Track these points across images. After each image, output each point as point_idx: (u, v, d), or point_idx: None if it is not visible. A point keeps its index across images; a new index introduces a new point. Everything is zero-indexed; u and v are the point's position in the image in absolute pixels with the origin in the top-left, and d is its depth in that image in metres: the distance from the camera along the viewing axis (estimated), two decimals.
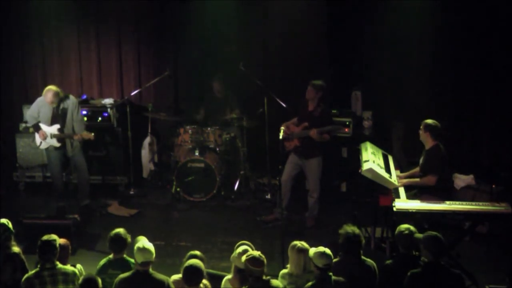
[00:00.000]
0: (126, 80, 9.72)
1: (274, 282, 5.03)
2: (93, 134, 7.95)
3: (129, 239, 5.47)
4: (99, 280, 4.89)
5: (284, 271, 5.39)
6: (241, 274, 5.09)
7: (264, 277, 4.91)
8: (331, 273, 4.97)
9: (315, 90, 7.63)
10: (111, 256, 5.52)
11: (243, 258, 4.96)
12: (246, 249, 5.25)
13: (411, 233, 5.26)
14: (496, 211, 6.25)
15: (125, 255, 5.48)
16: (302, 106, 7.85)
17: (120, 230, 5.51)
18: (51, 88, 7.81)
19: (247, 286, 4.93)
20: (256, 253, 4.95)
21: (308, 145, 7.69)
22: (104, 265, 5.46)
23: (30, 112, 8.00)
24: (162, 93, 9.79)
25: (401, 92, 9.04)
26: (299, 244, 5.32)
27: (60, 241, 5.49)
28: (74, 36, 9.58)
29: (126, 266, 5.34)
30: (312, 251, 5.05)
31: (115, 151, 9.09)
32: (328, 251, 4.98)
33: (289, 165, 7.92)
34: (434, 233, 5.14)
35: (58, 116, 7.89)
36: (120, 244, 5.42)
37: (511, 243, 6.94)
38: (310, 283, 4.98)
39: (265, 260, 4.92)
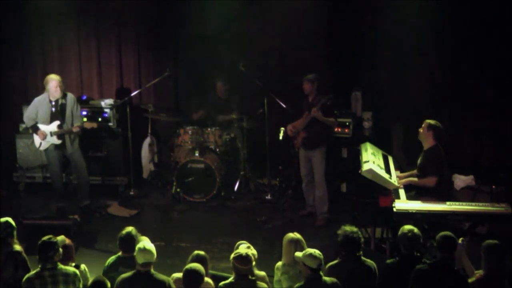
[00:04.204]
0: (126, 80, 9.72)
1: (261, 284, 5.05)
2: (95, 123, 8.00)
3: (139, 238, 5.45)
4: (108, 283, 4.88)
5: (279, 263, 5.52)
6: None
7: (251, 277, 4.94)
8: (322, 273, 4.99)
9: (310, 82, 7.83)
10: (120, 253, 5.50)
11: (231, 256, 5.01)
12: (248, 246, 5.32)
13: (414, 235, 5.26)
14: (496, 212, 6.26)
15: (135, 254, 5.44)
16: (304, 102, 7.97)
17: (132, 230, 5.49)
18: (53, 77, 7.79)
19: (232, 281, 4.94)
20: (244, 251, 4.99)
21: (313, 134, 7.80)
22: (114, 262, 5.45)
23: (28, 113, 7.96)
24: (162, 94, 9.79)
25: (401, 92, 9.04)
26: (291, 235, 5.45)
27: (63, 240, 5.50)
28: (74, 36, 9.58)
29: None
30: (301, 254, 5.07)
31: (115, 152, 9.08)
32: (317, 251, 5.00)
33: (301, 161, 8.09)
34: (449, 233, 5.15)
35: (57, 113, 7.87)
36: (131, 244, 5.35)
37: (511, 243, 6.94)
38: (298, 284, 5.00)
39: (252, 258, 4.96)
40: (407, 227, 5.35)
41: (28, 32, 9.52)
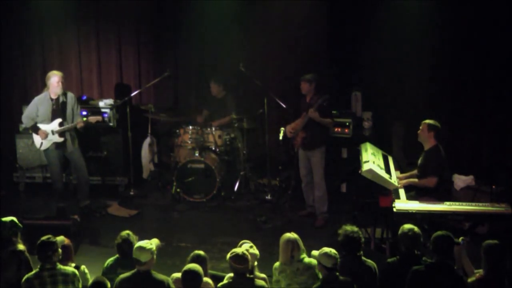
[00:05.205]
0: (126, 80, 9.73)
1: (259, 281, 5.05)
2: (100, 116, 8.05)
3: (135, 242, 5.42)
4: (108, 284, 4.88)
5: (276, 263, 5.53)
6: None
7: (248, 276, 4.94)
8: (337, 273, 5.00)
9: (308, 83, 7.82)
10: (118, 255, 5.50)
11: (228, 256, 5.02)
12: (251, 245, 5.36)
13: (414, 233, 5.26)
14: (496, 212, 6.25)
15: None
16: (302, 103, 7.95)
17: (128, 237, 5.43)
18: (56, 73, 7.78)
19: (230, 281, 4.94)
20: (240, 250, 5.01)
21: (312, 134, 7.79)
22: (112, 264, 5.44)
23: (27, 113, 7.92)
24: (162, 94, 9.80)
25: (401, 92, 9.03)
26: (289, 235, 5.47)
27: (62, 240, 5.50)
28: (74, 36, 9.59)
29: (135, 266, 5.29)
30: (317, 252, 5.09)
31: (115, 152, 9.09)
32: (333, 250, 5.02)
33: (301, 162, 8.06)
34: (445, 232, 5.15)
35: (58, 111, 7.86)
36: (128, 250, 5.32)
37: (511, 244, 6.93)
38: (316, 285, 5.01)
39: (249, 257, 4.97)
40: (408, 226, 5.35)
41: (28, 32, 9.52)
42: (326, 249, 5.02)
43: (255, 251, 5.39)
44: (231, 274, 5.24)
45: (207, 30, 9.24)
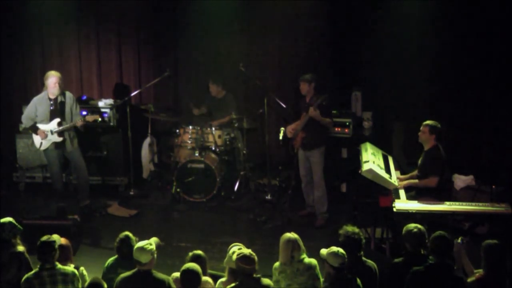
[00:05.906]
0: (126, 81, 9.73)
1: (265, 280, 5.05)
2: (98, 115, 8.06)
3: (135, 243, 5.41)
4: (105, 285, 4.87)
5: (276, 263, 5.53)
6: (235, 275, 5.10)
7: (255, 275, 4.95)
8: (346, 272, 5.00)
9: (307, 83, 7.78)
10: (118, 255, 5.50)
11: (234, 256, 5.00)
12: (239, 247, 5.30)
13: (420, 232, 5.27)
14: (496, 212, 6.26)
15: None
16: (302, 103, 7.94)
17: (128, 238, 5.42)
18: (54, 74, 7.78)
19: (237, 283, 4.95)
20: (247, 251, 5.01)
21: (311, 134, 7.76)
22: (112, 264, 5.43)
23: (27, 113, 7.95)
24: (162, 94, 9.80)
25: (401, 92, 9.04)
26: (289, 235, 5.47)
27: (62, 241, 5.49)
28: (74, 36, 9.59)
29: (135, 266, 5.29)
30: (325, 251, 5.09)
31: (115, 152, 9.08)
32: (341, 250, 5.02)
33: (300, 162, 8.04)
34: (443, 232, 5.15)
35: (56, 111, 7.87)
36: (129, 251, 5.31)
37: (511, 244, 6.93)
38: (323, 285, 5.02)
39: (256, 258, 4.97)
40: (412, 224, 5.36)
41: (28, 32, 9.52)
42: (335, 249, 5.03)
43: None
44: (223, 279, 5.25)
45: (207, 30, 9.24)
